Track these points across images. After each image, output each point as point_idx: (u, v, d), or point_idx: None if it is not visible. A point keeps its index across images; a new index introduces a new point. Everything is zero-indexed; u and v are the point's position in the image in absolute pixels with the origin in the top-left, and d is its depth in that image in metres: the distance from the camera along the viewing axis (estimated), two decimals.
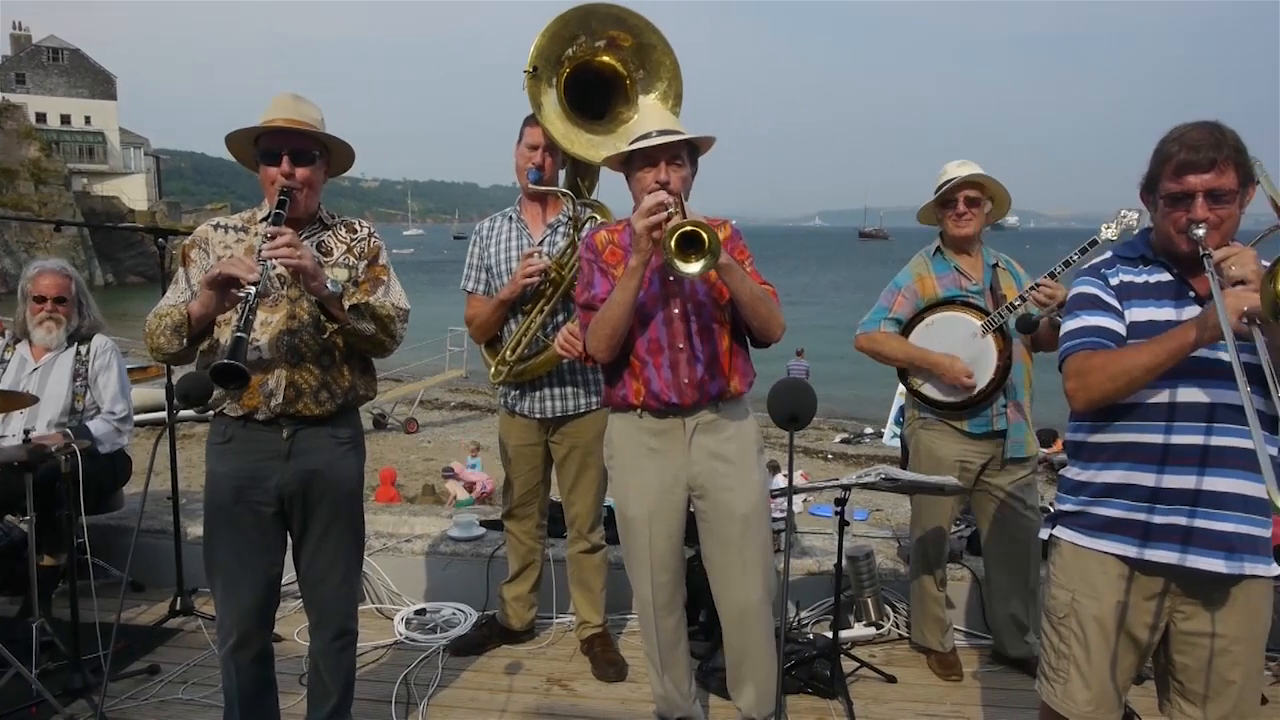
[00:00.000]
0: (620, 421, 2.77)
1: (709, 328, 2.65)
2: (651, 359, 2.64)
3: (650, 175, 2.58)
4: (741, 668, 2.78)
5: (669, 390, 2.63)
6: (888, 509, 8.66)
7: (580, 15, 3.12)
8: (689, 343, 2.63)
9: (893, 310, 3.48)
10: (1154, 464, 2.01)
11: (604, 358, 2.65)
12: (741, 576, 2.68)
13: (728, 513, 2.68)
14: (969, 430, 3.38)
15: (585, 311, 2.70)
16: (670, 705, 2.88)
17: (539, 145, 3.29)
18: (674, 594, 2.81)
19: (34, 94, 54.53)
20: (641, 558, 2.75)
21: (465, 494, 10.17)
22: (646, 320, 2.64)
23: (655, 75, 3.23)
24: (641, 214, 2.46)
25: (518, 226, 3.44)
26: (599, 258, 2.71)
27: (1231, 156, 1.95)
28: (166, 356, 2.49)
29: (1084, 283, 2.16)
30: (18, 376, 3.76)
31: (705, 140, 2.71)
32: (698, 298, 2.64)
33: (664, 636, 2.80)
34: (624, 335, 2.60)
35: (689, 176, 2.67)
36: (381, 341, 2.55)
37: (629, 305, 2.54)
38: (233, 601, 2.56)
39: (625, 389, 2.69)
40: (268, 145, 2.49)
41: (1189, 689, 2.09)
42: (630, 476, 2.74)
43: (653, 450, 2.69)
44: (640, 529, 2.73)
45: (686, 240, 2.33)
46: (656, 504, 2.70)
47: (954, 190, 3.36)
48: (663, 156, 2.59)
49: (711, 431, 2.68)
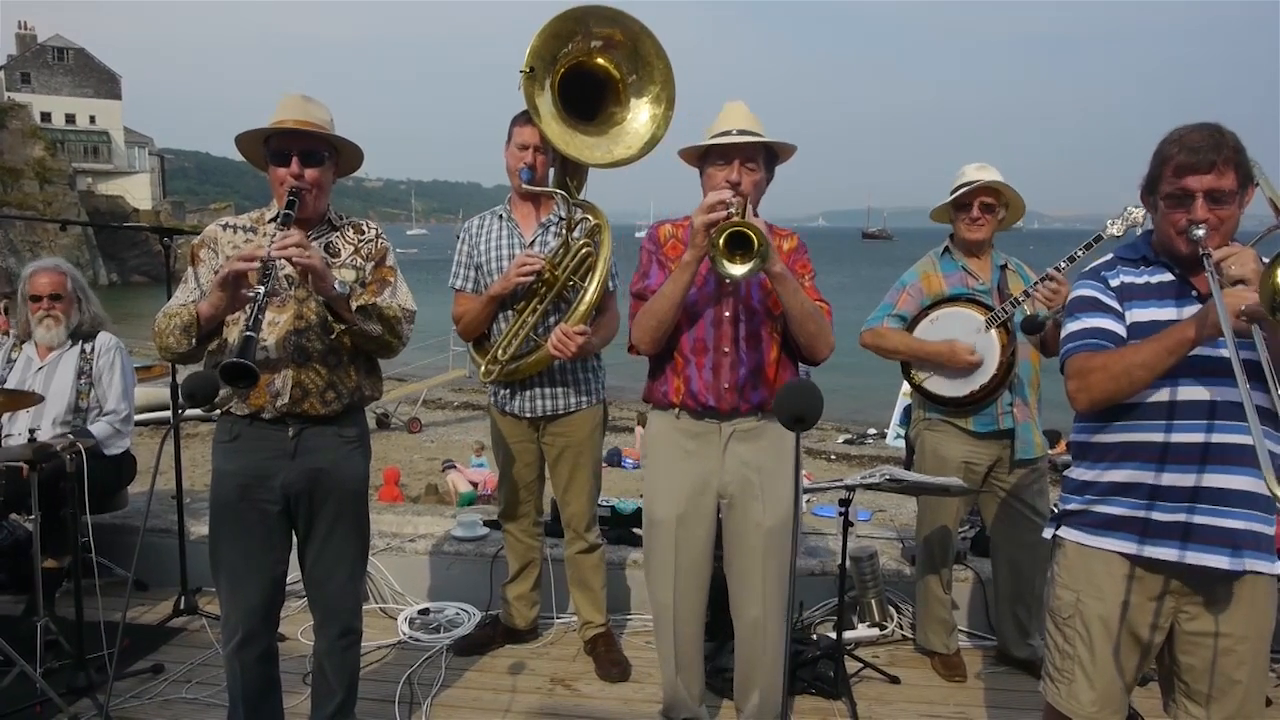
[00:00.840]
0: (659, 420, 2.75)
1: (758, 334, 2.62)
2: (695, 358, 2.62)
3: (722, 174, 2.56)
4: (751, 677, 2.77)
5: (707, 392, 2.61)
6: (891, 510, 8.63)
7: (577, 16, 3.13)
8: (735, 347, 2.60)
9: (897, 307, 3.48)
10: (1154, 462, 2.01)
11: (646, 349, 2.64)
12: (760, 589, 2.66)
13: (754, 524, 2.65)
14: (974, 430, 3.37)
15: (636, 300, 2.68)
16: (679, 706, 2.87)
17: (530, 145, 3.28)
18: (698, 603, 2.77)
19: (39, 93, 54.61)
20: (665, 561, 2.72)
21: (468, 486, 10.12)
22: (695, 319, 2.62)
23: (648, 79, 3.23)
24: (701, 210, 2.44)
25: (509, 225, 3.43)
26: (660, 250, 2.69)
27: (1231, 158, 1.96)
28: (175, 356, 2.49)
29: (1084, 285, 2.17)
30: (23, 376, 3.78)
31: (785, 148, 2.66)
32: (751, 303, 2.61)
33: (683, 644, 2.78)
34: (669, 329, 2.58)
35: (762, 181, 2.63)
36: (388, 342, 2.56)
37: (678, 299, 2.52)
38: (237, 600, 2.56)
39: (666, 385, 2.68)
40: (277, 146, 2.50)
41: (1194, 689, 2.09)
42: (662, 477, 2.72)
43: (688, 452, 2.67)
44: (666, 532, 2.70)
45: (735, 240, 2.30)
46: (686, 507, 2.67)
47: (970, 195, 3.36)
48: (738, 156, 2.56)
49: (749, 440, 2.64)
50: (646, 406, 2.85)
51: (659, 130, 3.24)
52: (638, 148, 3.24)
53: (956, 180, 3.44)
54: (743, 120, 2.62)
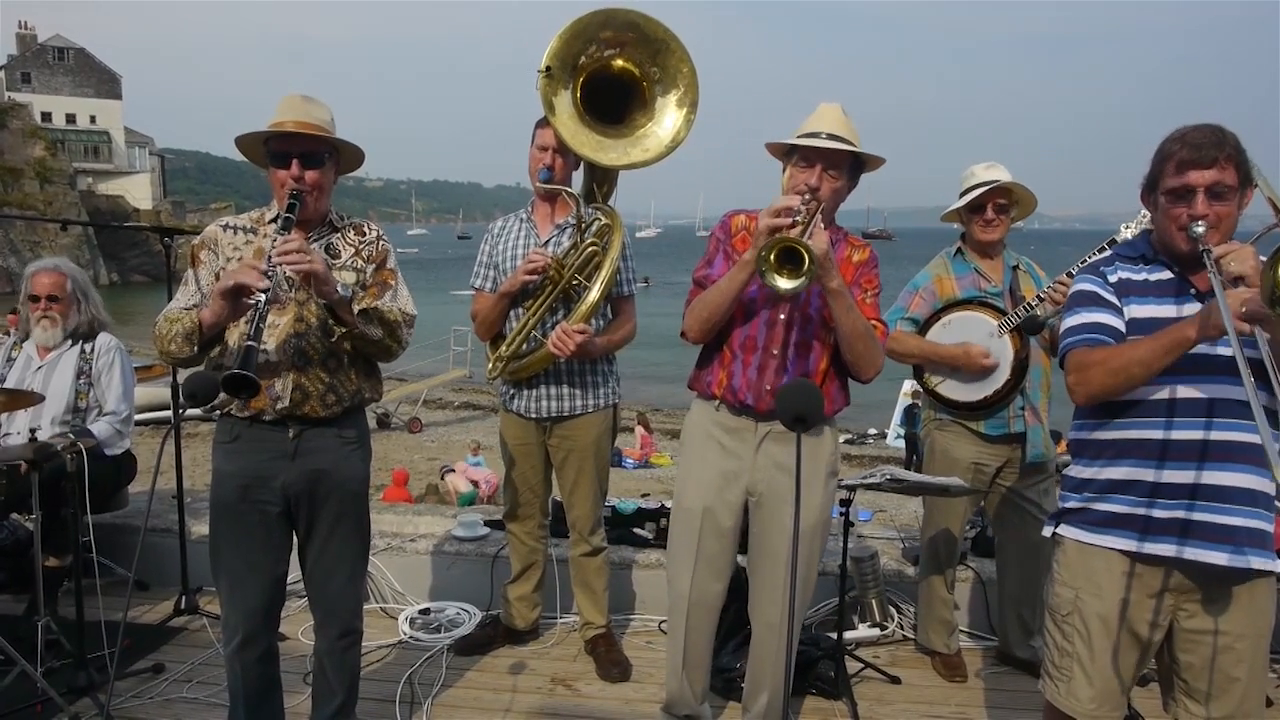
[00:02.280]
0: (699, 409, 2.75)
1: (809, 343, 2.59)
2: (743, 355, 2.61)
3: (802, 176, 2.52)
4: (762, 679, 2.76)
5: (748, 390, 2.59)
6: (891, 510, 8.64)
7: (599, 20, 3.13)
8: (784, 350, 2.58)
9: (909, 310, 3.47)
10: (1154, 459, 2.02)
11: (695, 338, 2.64)
12: (783, 594, 2.64)
13: (780, 526, 2.63)
14: (985, 432, 3.37)
15: (696, 287, 2.67)
16: (681, 703, 2.86)
17: (549, 146, 3.30)
18: (714, 597, 2.75)
19: (39, 93, 54.62)
20: (687, 549, 2.70)
21: (468, 486, 10.10)
22: (750, 316, 2.60)
23: (672, 82, 3.23)
24: (769, 212, 2.41)
25: (526, 226, 3.45)
26: (729, 239, 2.67)
27: (1232, 156, 1.97)
28: (176, 361, 2.49)
29: (1084, 280, 2.18)
30: (23, 375, 3.77)
31: (875, 160, 2.61)
32: (808, 309, 2.59)
33: (694, 637, 2.76)
34: (720, 323, 2.57)
35: (843, 190, 2.59)
36: (388, 347, 2.56)
37: (733, 295, 2.50)
38: (238, 600, 2.56)
39: (711, 376, 2.67)
40: (277, 148, 2.49)
41: (1194, 687, 2.10)
42: (694, 467, 2.72)
43: (723, 447, 2.67)
44: (692, 521, 2.69)
45: (787, 253, 2.27)
46: (714, 500, 2.66)
47: (985, 196, 3.34)
48: (821, 161, 2.51)
49: (784, 442, 2.61)
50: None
51: (681, 134, 3.24)
52: (657, 151, 3.25)
53: (966, 181, 3.42)
54: (835, 125, 2.55)
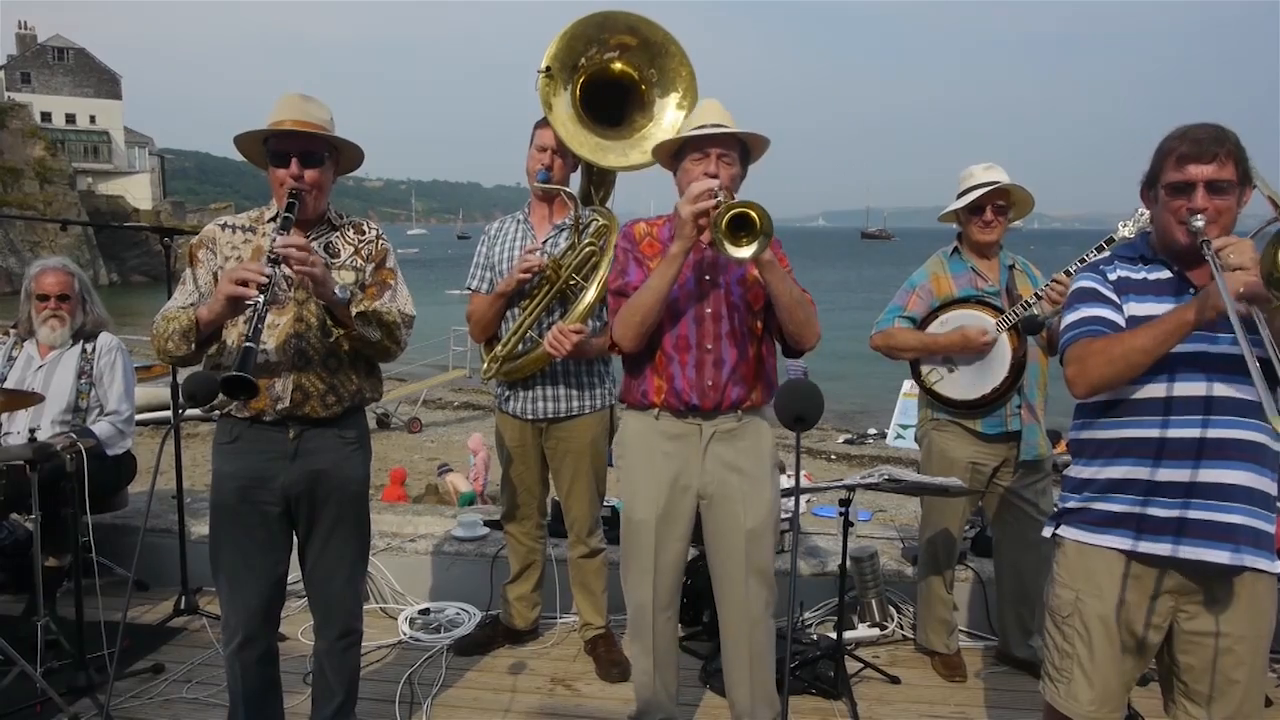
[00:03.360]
0: (636, 421, 2.73)
1: (740, 332, 2.61)
2: (678, 355, 2.61)
3: (699, 167, 2.55)
4: (736, 673, 2.75)
5: (691, 390, 2.60)
6: (891, 509, 8.64)
7: (597, 21, 3.13)
8: (717, 344, 2.60)
9: (907, 309, 3.47)
10: (1150, 458, 2.02)
11: (629, 346, 2.60)
12: (744, 591, 2.65)
13: (735, 525, 2.64)
14: (983, 431, 3.37)
15: (616, 298, 2.67)
16: (655, 706, 2.85)
17: (548, 147, 3.30)
18: (674, 596, 2.79)
19: (39, 93, 54.65)
20: (644, 562, 2.71)
21: (468, 485, 10.10)
22: (678, 317, 2.61)
23: (671, 85, 3.23)
24: (688, 199, 2.42)
25: (524, 227, 3.45)
26: (635, 247, 2.68)
27: (1232, 153, 1.99)
28: (174, 359, 2.49)
29: (1083, 278, 2.19)
30: (23, 374, 3.77)
31: (758, 141, 2.65)
32: (732, 300, 2.61)
33: (661, 640, 2.78)
34: (653, 325, 2.56)
35: (738, 176, 2.63)
36: (387, 348, 2.55)
37: (664, 292, 2.50)
38: (238, 601, 2.56)
39: (646, 384, 2.65)
40: (276, 147, 2.48)
41: (1194, 689, 2.09)
42: (640, 479, 2.70)
43: (666, 454, 2.66)
44: (645, 533, 2.69)
45: (737, 222, 2.30)
46: (666, 508, 2.66)
47: (985, 197, 3.34)
48: (714, 149, 2.55)
49: (728, 441, 2.64)
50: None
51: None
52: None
53: (965, 182, 3.42)
54: (717, 116, 2.61)
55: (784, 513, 3.90)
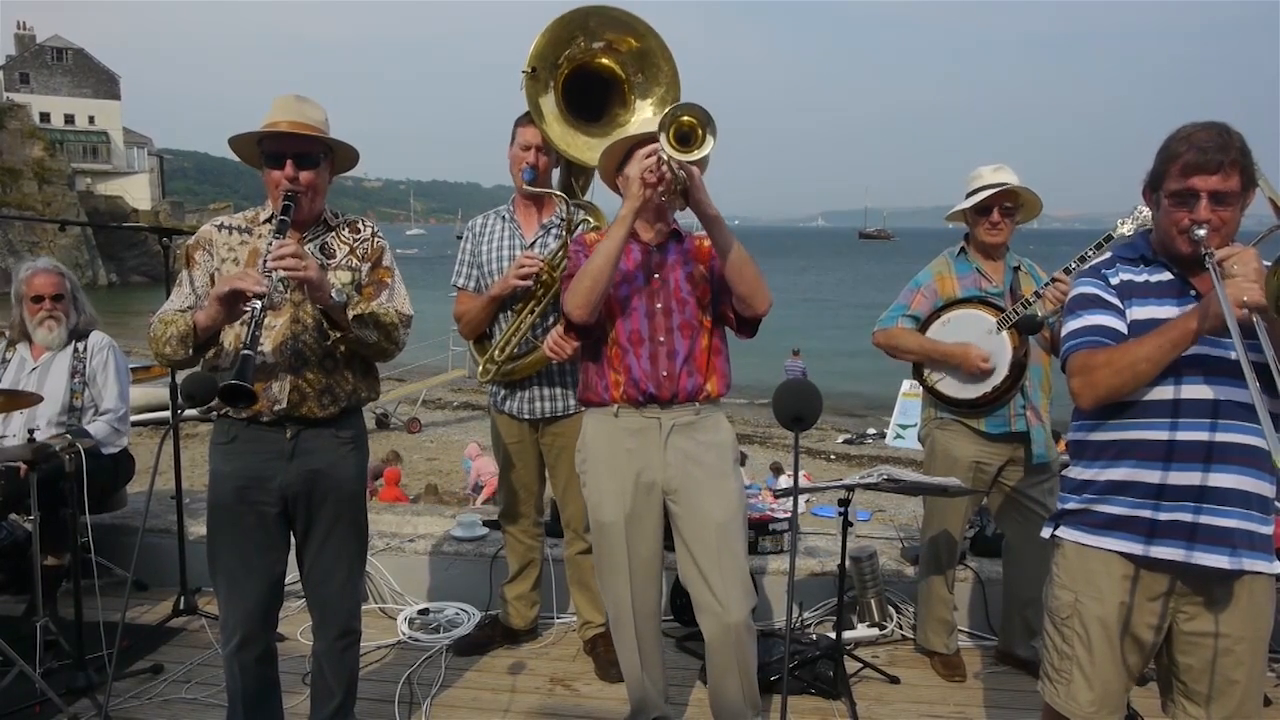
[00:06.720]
0: (596, 420, 2.76)
1: (690, 324, 2.69)
2: (633, 348, 2.67)
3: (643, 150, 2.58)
4: (715, 672, 2.74)
5: (647, 380, 2.65)
6: (891, 509, 8.66)
7: (579, 17, 3.12)
8: (670, 337, 2.67)
9: (911, 308, 3.48)
10: (1159, 460, 2.01)
11: (580, 315, 2.59)
12: (721, 585, 2.64)
13: (704, 518, 2.65)
14: (986, 431, 3.37)
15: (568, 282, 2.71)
16: (648, 705, 2.85)
17: (533, 145, 3.28)
18: (654, 598, 2.80)
19: (38, 94, 54.66)
20: (619, 563, 2.72)
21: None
22: (630, 312, 2.68)
23: (654, 80, 3.22)
24: (636, 160, 2.53)
25: (510, 226, 3.43)
26: (586, 249, 2.73)
27: (1237, 160, 1.95)
28: (171, 363, 2.48)
29: (1084, 283, 2.17)
30: (17, 376, 3.76)
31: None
32: (681, 294, 2.69)
33: (645, 641, 2.80)
34: (604, 291, 2.57)
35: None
36: (384, 349, 2.55)
37: (614, 255, 2.54)
38: (236, 601, 2.56)
39: (605, 380, 2.70)
40: (271, 148, 2.47)
41: (1193, 690, 2.09)
42: (605, 480, 2.72)
43: (629, 451, 2.68)
44: (616, 534, 2.70)
45: (682, 137, 2.39)
46: (633, 507, 2.68)
47: (992, 199, 3.33)
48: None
49: (688, 433, 2.67)
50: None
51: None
52: None
53: (973, 183, 3.41)
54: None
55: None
